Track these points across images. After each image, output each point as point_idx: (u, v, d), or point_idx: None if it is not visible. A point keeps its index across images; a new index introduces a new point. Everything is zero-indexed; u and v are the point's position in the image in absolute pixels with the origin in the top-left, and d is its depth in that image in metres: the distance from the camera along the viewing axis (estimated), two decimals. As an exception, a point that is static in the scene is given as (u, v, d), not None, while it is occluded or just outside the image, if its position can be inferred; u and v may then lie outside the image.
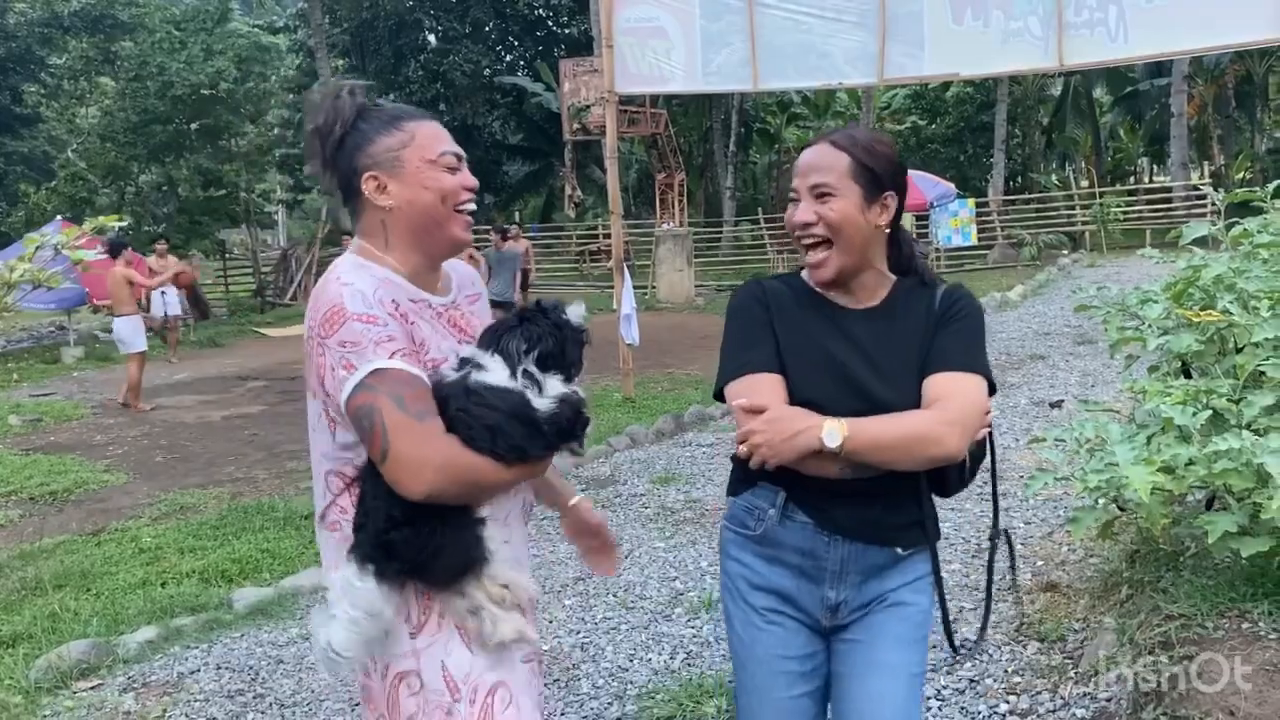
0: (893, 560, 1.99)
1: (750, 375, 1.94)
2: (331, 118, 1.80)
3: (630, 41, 9.34)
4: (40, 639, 4.52)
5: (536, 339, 1.77)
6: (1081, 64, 9.07)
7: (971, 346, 1.95)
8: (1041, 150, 34.47)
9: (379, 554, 1.69)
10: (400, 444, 1.62)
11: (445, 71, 31.70)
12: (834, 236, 1.93)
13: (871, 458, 1.84)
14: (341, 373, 1.66)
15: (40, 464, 8.41)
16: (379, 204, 1.79)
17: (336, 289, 1.70)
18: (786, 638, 2.01)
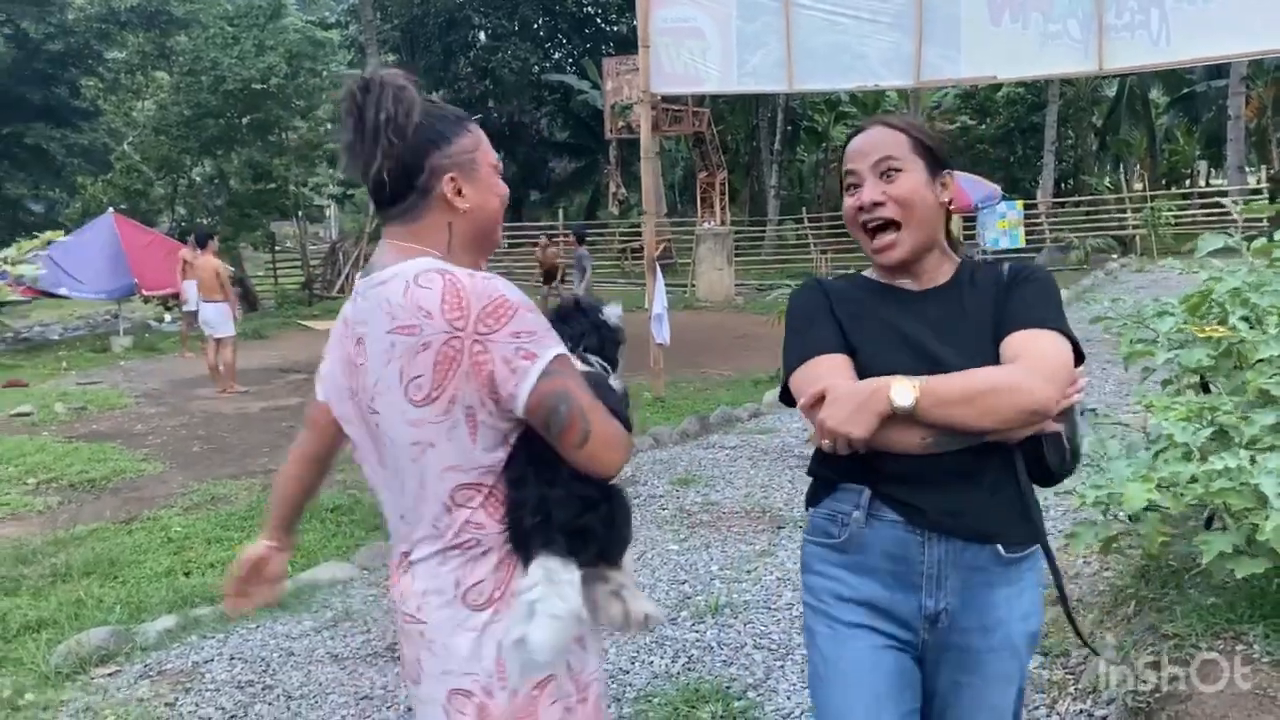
0: (996, 561, 1.80)
1: (813, 359, 1.84)
2: (404, 108, 1.68)
3: (666, 41, 9.36)
4: (64, 625, 4.65)
5: (579, 336, 1.83)
6: (1122, 68, 8.94)
7: (1046, 305, 1.83)
8: (1094, 152, 33.91)
9: (577, 542, 1.65)
10: (598, 424, 1.64)
11: (494, 69, 31.90)
12: (904, 215, 1.85)
13: (952, 415, 1.69)
14: (521, 363, 1.61)
15: (81, 452, 8.62)
16: (455, 205, 1.73)
17: (486, 284, 1.63)
18: (875, 654, 1.84)
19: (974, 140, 31.09)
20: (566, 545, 1.64)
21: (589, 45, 35.20)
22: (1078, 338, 1.82)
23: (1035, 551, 1.86)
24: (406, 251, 1.71)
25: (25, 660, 4.27)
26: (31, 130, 22.68)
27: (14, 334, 21.81)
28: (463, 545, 1.68)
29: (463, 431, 1.64)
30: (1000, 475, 1.78)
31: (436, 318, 1.60)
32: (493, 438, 1.66)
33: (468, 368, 1.61)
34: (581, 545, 1.65)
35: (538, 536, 1.64)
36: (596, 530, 1.66)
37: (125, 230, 17.87)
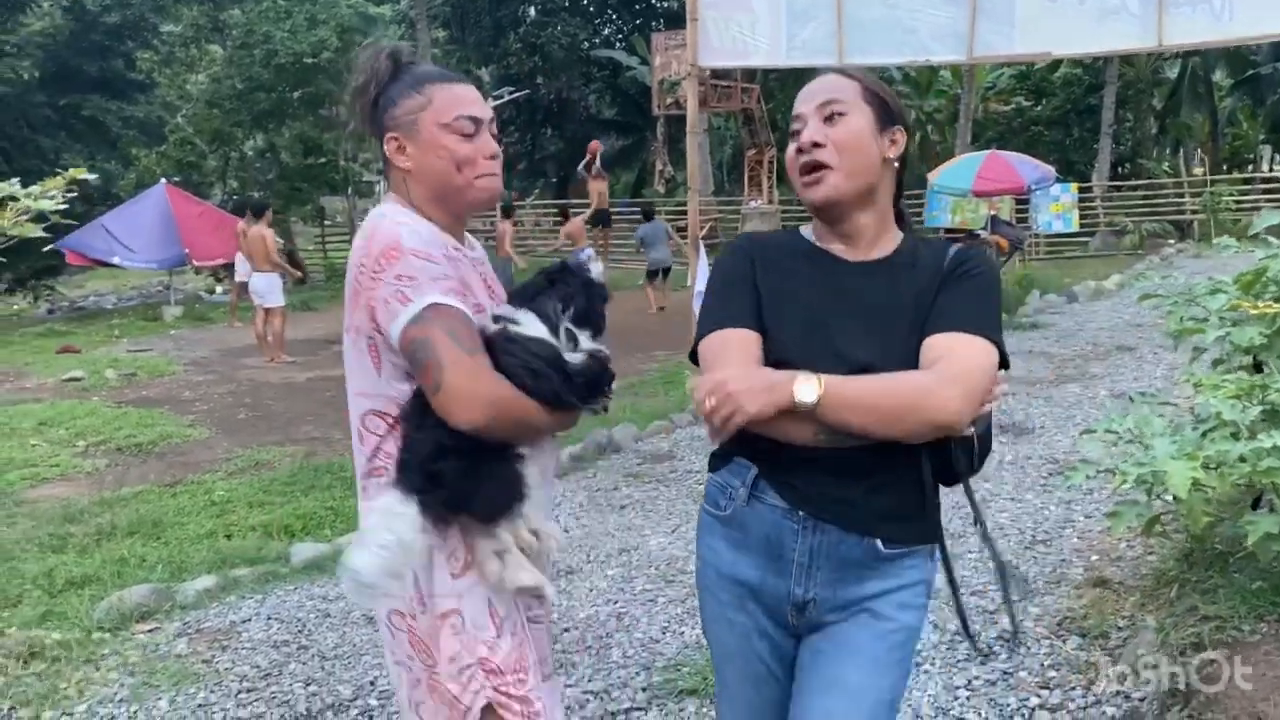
0: (873, 557, 1.75)
1: (722, 331, 1.78)
2: (368, 77, 1.86)
3: (714, 15, 9.25)
4: (107, 582, 4.74)
5: (569, 298, 1.85)
6: (1182, 43, 8.71)
7: (980, 308, 1.74)
8: (1153, 135, 33.12)
9: (425, 482, 1.73)
10: (455, 376, 1.69)
11: (543, 44, 31.79)
12: (841, 159, 1.76)
13: (854, 420, 1.62)
14: (396, 305, 1.72)
15: (130, 417, 8.78)
16: (399, 165, 1.86)
17: (392, 227, 1.77)
18: (752, 637, 1.84)
19: (1029, 121, 30.51)
20: (415, 483, 1.73)
21: (639, 21, 34.98)
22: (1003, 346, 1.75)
23: (921, 550, 1.81)
24: (389, 202, 1.90)
25: (69, 615, 4.35)
26: (88, 102, 22.97)
27: (70, 303, 22.27)
28: (376, 472, 1.85)
29: (367, 360, 1.82)
30: (896, 472, 1.73)
31: (356, 254, 1.80)
32: (395, 371, 1.80)
33: (364, 301, 1.77)
34: (429, 486, 1.73)
35: (398, 470, 1.77)
36: (447, 477, 1.72)
37: (177, 200, 18.11)
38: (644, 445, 6.92)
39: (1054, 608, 3.89)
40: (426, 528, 1.74)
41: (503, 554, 1.79)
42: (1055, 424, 6.68)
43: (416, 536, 1.71)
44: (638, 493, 5.82)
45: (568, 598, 4.31)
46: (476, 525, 1.79)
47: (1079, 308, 12.65)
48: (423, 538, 1.73)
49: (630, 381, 9.70)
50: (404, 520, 1.70)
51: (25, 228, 4.77)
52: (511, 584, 1.79)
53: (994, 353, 1.72)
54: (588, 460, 6.57)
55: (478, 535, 1.79)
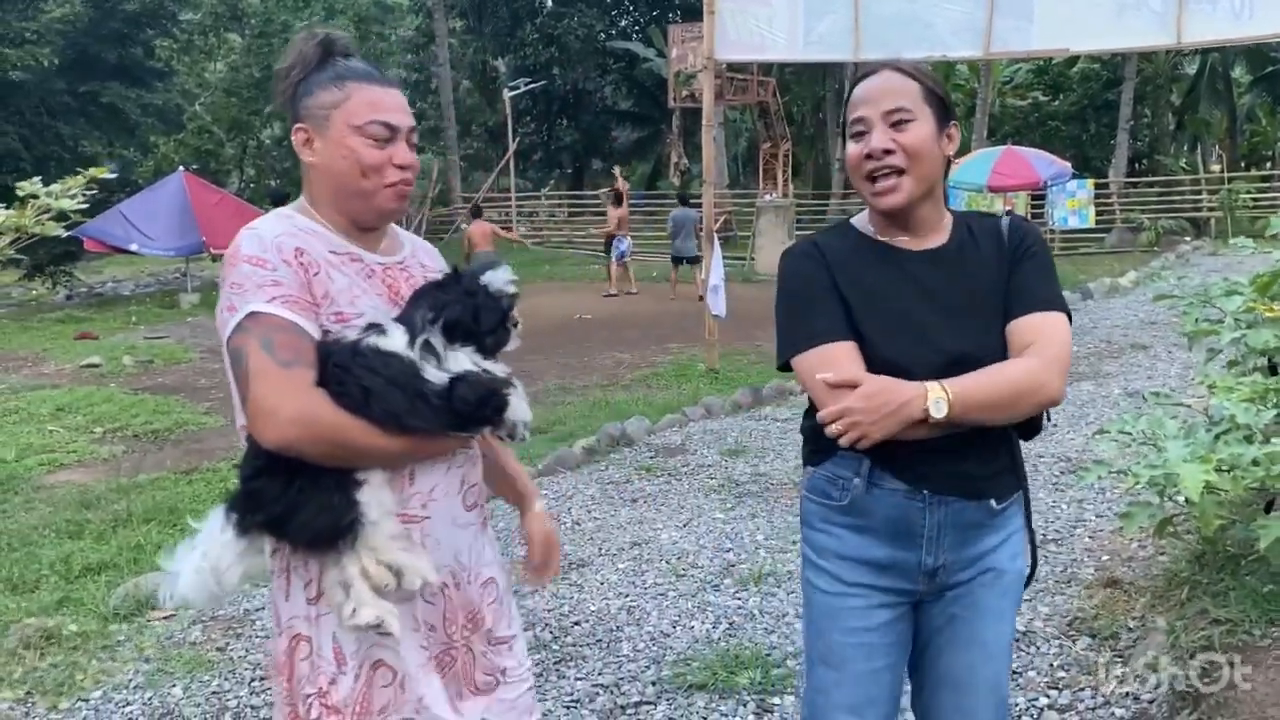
0: (989, 515, 1.91)
1: (823, 345, 1.83)
2: (293, 60, 1.78)
3: (732, 8, 9.22)
4: (123, 568, 4.79)
5: (442, 306, 1.68)
6: (1201, 40, 8.66)
7: (1050, 282, 1.90)
8: (1171, 132, 32.90)
9: (243, 504, 1.64)
10: (259, 388, 1.57)
11: (559, 35, 31.80)
12: (911, 165, 1.82)
13: (979, 416, 1.77)
14: (225, 314, 1.65)
15: (146, 404, 8.85)
16: (303, 157, 1.77)
17: (243, 232, 1.71)
18: (870, 610, 1.93)
19: (1046, 116, 30.36)
20: (235, 503, 1.65)
21: (655, 12, 34.93)
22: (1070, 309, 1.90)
23: (1018, 499, 1.97)
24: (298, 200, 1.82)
25: (86, 601, 4.40)
26: (107, 90, 23.10)
27: (88, 289, 22.41)
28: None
29: (230, 373, 1.70)
30: (992, 437, 1.87)
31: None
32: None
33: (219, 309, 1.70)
34: (246, 508, 1.64)
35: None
36: (259, 499, 1.62)
37: (194, 188, 18.20)
38: (656, 438, 6.93)
39: (1064, 608, 3.89)
40: (250, 552, 1.66)
41: (346, 586, 1.65)
42: (1068, 422, 6.66)
43: (232, 564, 1.64)
44: (650, 486, 5.84)
45: (578, 590, 4.33)
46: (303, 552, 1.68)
47: (1094, 305, 12.60)
48: (239, 565, 1.66)
49: (644, 374, 9.71)
50: (218, 545, 1.63)
51: (47, 226, 4.82)
52: (351, 619, 1.65)
53: (1067, 323, 1.88)
54: (600, 453, 6.59)
55: (325, 565, 1.67)
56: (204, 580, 1.63)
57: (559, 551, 2.13)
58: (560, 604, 4.19)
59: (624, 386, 9.10)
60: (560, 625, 3.99)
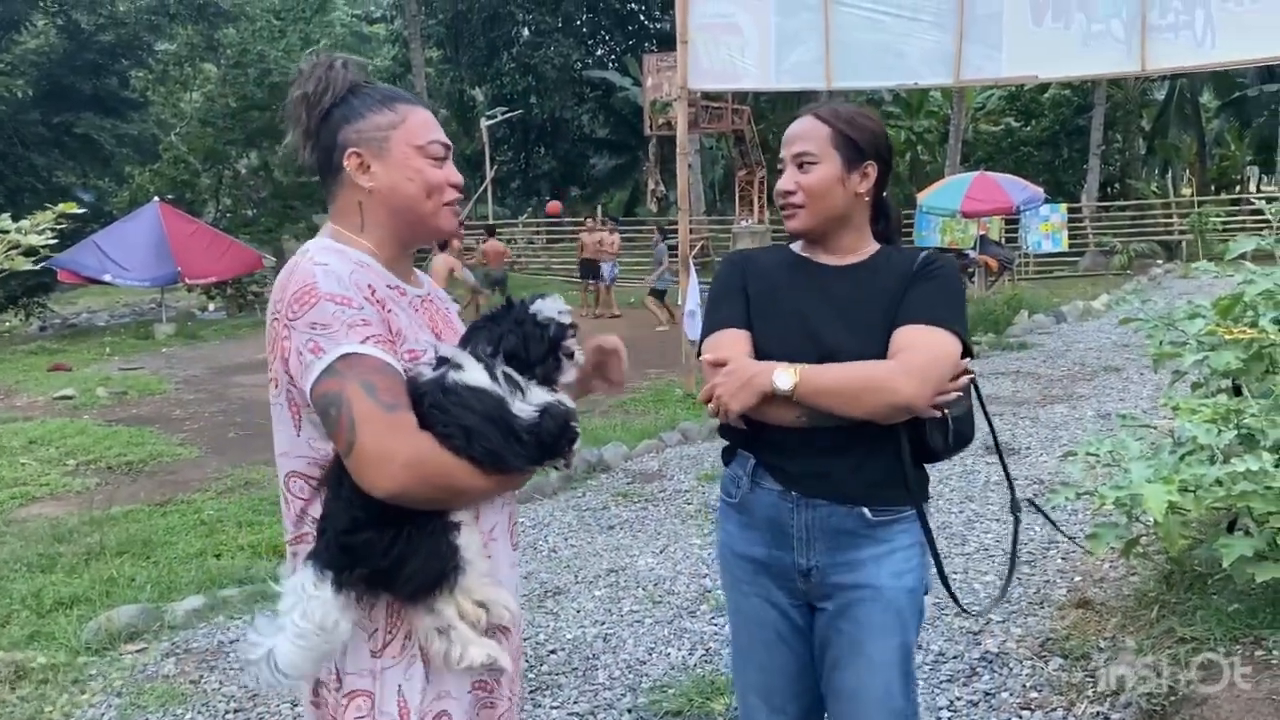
0: (863, 524, 1.98)
1: (718, 332, 2.04)
2: (323, 86, 1.68)
3: (704, 37, 9.34)
4: (95, 602, 4.74)
5: (498, 337, 1.65)
6: (1165, 68, 8.81)
7: (943, 302, 1.98)
8: (1141, 156, 33.37)
9: (340, 559, 1.54)
10: (367, 435, 1.49)
11: (536, 65, 32.00)
12: (809, 202, 2.02)
13: (824, 402, 1.88)
14: (309, 356, 1.53)
15: (120, 435, 8.79)
16: (359, 183, 1.68)
17: (309, 268, 1.58)
18: (763, 607, 2.09)
19: (1018, 142, 30.75)
20: (330, 559, 1.54)
21: (631, 42, 35.22)
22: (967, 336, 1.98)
23: (909, 515, 2.02)
24: (327, 232, 1.71)
25: (58, 635, 4.36)
26: (81, 120, 23.06)
27: (62, 320, 22.24)
28: (302, 539, 1.64)
29: (286, 415, 1.63)
30: (875, 448, 1.95)
31: (274, 296, 1.62)
32: (315, 428, 1.60)
33: (279, 351, 1.59)
34: (345, 563, 1.54)
35: (317, 542, 1.58)
36: (361, 553, 1.53)
37: (169, 219, 18.15)
38: (633, 464, 6.95)
39: (1036, 629, 3.92)
40: (349, 605, 1.56)
41: (446, 630, 1.60)
42: (1041, 445, 6.72)
43: (339, 619, 1.53)
44: (626, 512, 5.85)
45: (555, 619, 4.33)
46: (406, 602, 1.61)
47: (1067, 328, 12.72)
48: (346, 618, 1.55)
49: (621, 400, 9.73)
50: (318, 603, 1.52)
51: (15, 261, 4.82)
52: (462, 662, 1.60)
53: (954, 342, 1.95)
54: (577, 480, 6.60)
55: (417, 612, 1.60)
56: (311, 643, 1.52)
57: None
58: (536, 633, 4.18)
59: (601, 413, 9.11)
60: (536, 654, 3.98)
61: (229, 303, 20.86)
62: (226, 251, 18.41)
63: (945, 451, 1.99)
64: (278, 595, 4.43)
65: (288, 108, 1.71)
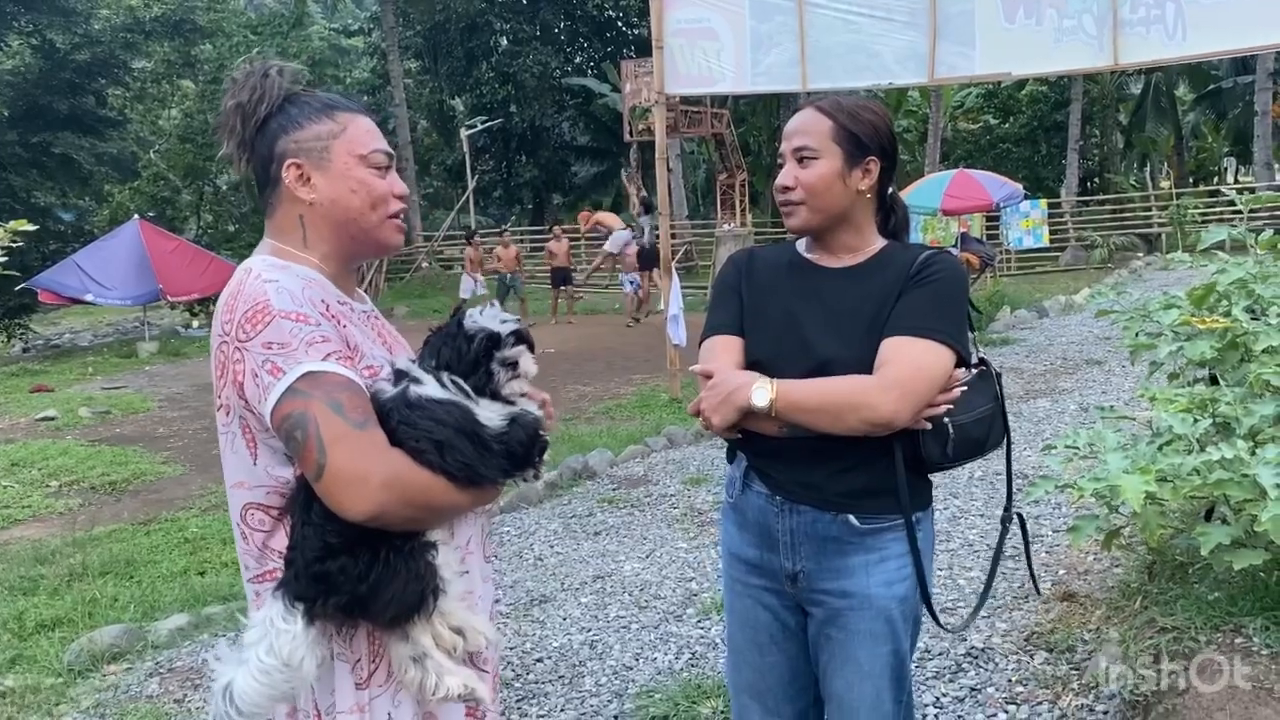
0: (850, 532, 1.95)
1: (712, 337, 2.04)
2: (257, 95, 1.60)
3: (680, 43, 9.36)
4: (78, 623, 4.72)
5: (435, 350, 1.60)
6: (1138, 62, 8.86)
7: (935, 310, 1.90)
8: (1119, 150, 33.57)
9: (313, 589, 1.46)
10: (339, 456, 1.42)
11: (515, 73, 31.97)
12: (809, 198, 1.97)
13: (800, 419, 1.86)
14: (267, 378, 1.45)
15: (104, 455, 8.74)
16: (300, 196, 1.60)
17: (257, 286, 1.50)
18: (755, 608, 2.09)
19: (997, 139, 30.89)
20: (300, 590, 1.46)
21: (609, 49, 35.22)
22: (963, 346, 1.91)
23: (900, 524, 1.96)
24: (268, 249, 1.63)
25: (39, 658, 4.33)
26: (59, 139, 22.94)
27: (45, 340, 22.11)
28: (267, 576, 1.56)
29: (241, 444, 1.54)
30: (866, 455, 1.91)
31: (218, 320, 1.53)
32: (273, 455, 1.52)
33: (230, 375, 1.50)
34: (318, 593, 1.46)
35: (285, 572, 1.50)
36: (337, 581, 1.46)
37: (150, 236, 18.07)
38: (619, 470, 6.94)
39: (1021, 623, 3.93)
40: (321, 637, 1.49)
41: (421, 659, 1.54)
42: (1024, 439, 6.74)
43: (305, 656, 1.45)
44: (612, 518, 5.84)
45: (541, 627, 4.32)
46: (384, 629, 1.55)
47: (1049, 323, 12.78)
48: (313, 655, 1.47)
49: (607, 406, 9.73)
50: (287, 638, 1.44)
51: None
52: (437, 693, 1.54)
53: (943, 353, 1.87)
54: (563, 486, 6.59)
55: (391, 639, 1.54)
56: (275, 679, 1.44)
57: None
58: (523, 641, 4.17)
59: (587, 419, 9.10)
60: (522, 663, 3.97)
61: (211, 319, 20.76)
62: (208, 268, 18.32)
63: (945, 461, 1.93)
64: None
65: (221, 117, 1.63)
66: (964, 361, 1.93)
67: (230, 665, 1.48)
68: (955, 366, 1.91)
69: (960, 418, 1.89)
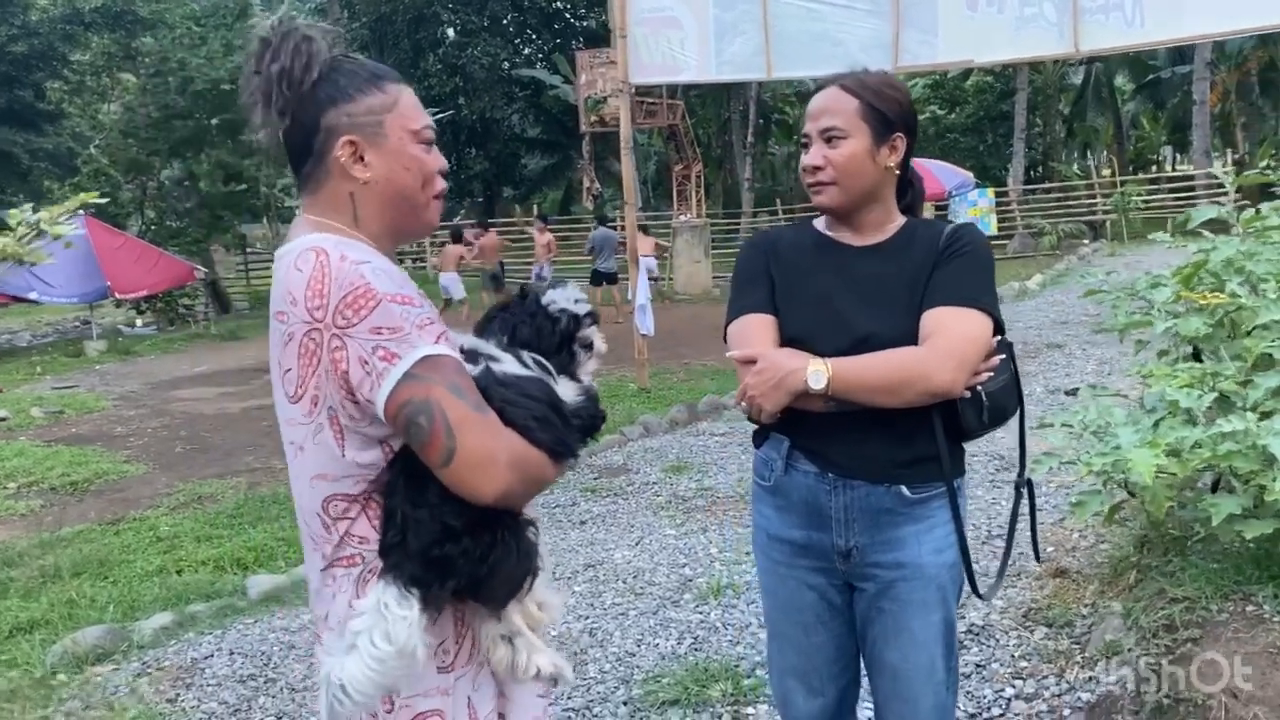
0: (901, 503, 1.95)
1: (743, 317, 2.01)
2: (304, 61, 1.48)
3: (644, 32, 9.33)
4: (57, 625, 4.60)
5: (511, 328, 1.60)
6: (1097, 49, 9.00)
7: (972, 281, 1.93)
8: (1062, 139, 34.18)
9: (428, 574, 1.43)
10: (469, 440, 1.39)
11: (464, 65, 31.73)
12: (839, 177, 1.96)
13: (859, 398, 1.85)
14: (380, 364, 1.39)
15: (61, 455, 8.51)
16: (353, 174, 1.51)
17: (350, 268, 1.41)
18: (800, 589, 2.07)
19: (944, 129, 31.28)
20: (416, 575, 1.43)
21: (558, 40, 35.10)
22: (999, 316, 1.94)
23: (942, 491, 1.98)
24: (311, 225, 1.52)
25: (20, 661, 4.21)
26: (-5, 134, 22.40)
27: (-18, 341, 21.52)
28: (347, 561, 1.51)
29: (328, 436, 1.46)
30: (909, 425, 1.91)
31: (300, 305, 1.42)
32: (363, 442, 1.47)
33: (327, 365, 1.42)
34: (435, 578, 1.43)
35: (389, 558, 1.45)
36: (457, 564, 1.44)
37: (96, 233, 17.62)
38: (598, 459, 6.92)
39: (1017, 599, 3.98)
40: (428, 629, 1.45)
41: (512, 638, 1.52)
42: (998, 422, 6.82)
43: (418, 642, 1.42)
44: (597, 507, 5.82)
45: (538, 616, 4.28)
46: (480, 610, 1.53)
47: (1005, 309, 12.62)
48: (424, 642, 1.43)
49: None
50: (403, 624, 1.40)
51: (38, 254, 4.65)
52: (528, 671, 1.53)
53: (986, 322, 1.91)
54: (541, 478, 6.54)
55: (481, 620, 1.52)
56: (388, 667, 1.40)
57: None
58: (520, 630, 4.13)
59: (557, 411, 9.06)
60: (523, 651, 3.93)
61: (159, 316, 20.35)
62: (156, 264, 17.96)
63: (981, 429, 1.95)
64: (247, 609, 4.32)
65: (254, 83, 1.49)
66: (1000, 329, 1.97)
67: (337, 655, 1.43)
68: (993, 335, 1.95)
69: (990, 386, 1.92)
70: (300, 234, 1.51)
